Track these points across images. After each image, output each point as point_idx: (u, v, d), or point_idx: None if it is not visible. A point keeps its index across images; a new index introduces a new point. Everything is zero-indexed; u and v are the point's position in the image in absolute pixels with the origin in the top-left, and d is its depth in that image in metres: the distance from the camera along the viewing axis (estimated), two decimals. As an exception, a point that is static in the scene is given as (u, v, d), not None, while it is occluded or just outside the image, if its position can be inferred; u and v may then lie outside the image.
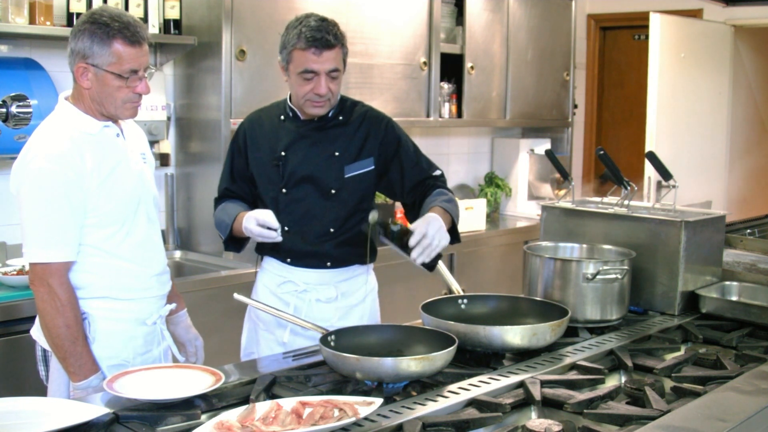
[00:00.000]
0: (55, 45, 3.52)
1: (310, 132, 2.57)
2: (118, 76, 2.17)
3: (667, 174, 2.80)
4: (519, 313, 2.42)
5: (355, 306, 2.67)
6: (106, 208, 2.22)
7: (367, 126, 2.61)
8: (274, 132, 2.60)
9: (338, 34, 2.45)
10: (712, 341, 2.44)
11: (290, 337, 2.59)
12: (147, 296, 2.34)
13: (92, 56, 2.16)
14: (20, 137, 3.19)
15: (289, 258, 2.61)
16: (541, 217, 2.97)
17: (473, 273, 4.81)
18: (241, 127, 2.69)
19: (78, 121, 2.23)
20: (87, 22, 2.17)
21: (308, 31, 2.40)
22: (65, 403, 1.84)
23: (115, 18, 2.17)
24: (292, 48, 2.43)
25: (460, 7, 4.99)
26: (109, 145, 2.27)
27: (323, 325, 2.28)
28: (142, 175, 2.35)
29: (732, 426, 1.69)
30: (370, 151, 2.59)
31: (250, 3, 3.82)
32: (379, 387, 1.94)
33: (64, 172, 2.15)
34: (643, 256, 2.67)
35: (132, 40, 2.18)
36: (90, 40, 2.16)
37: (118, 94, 2.20)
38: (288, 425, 1.66)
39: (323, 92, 2.44)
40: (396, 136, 2.64)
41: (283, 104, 2.64)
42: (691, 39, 5.69)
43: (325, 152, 2.56)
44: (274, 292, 2.65)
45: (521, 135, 5.90)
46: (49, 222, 2.16)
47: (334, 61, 2.44)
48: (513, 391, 1.94)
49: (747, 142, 6.62)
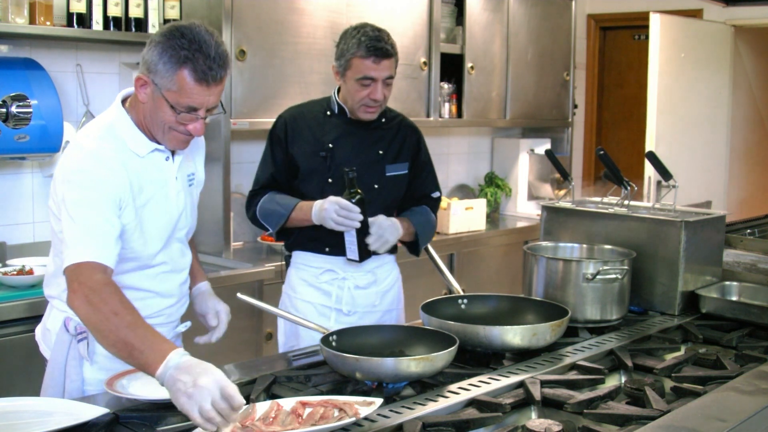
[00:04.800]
0: (55, 45, 3.52)
1: (356, 129, 2.73)
2: (171, 107, 1.96)
3: (667, 174, 2.80)
4: (519, 313, 2.42)
5: (388, 291, 2.84)
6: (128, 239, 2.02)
7: (404, 133, 2.83)
8: (319, 125, 2.73)
9: (394, 44, 2.65)
10: (712, 341, 2.44)
11: (336, 324, 2.69)
12: (155, 323, 2.05)
13: (156, 73, 1.94)
14: (20, 137, 3.19)
15: (328, 248, 2.72)
16: (541, 217, 2.97)
17: (473, 273, 4.81)
18: (281, 120, 2.78)
19: (127, 136, 2.03)
20: (164, 35, 1.94)
21: (368, 41, 2.58)
22: (65, 403, 1.84)
23: (195, 42, 1.91)
24: (351, 56, 2.60)
25: (460, 7, 4.99)
26: (154, 171, 2.07)
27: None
28: (183, 205, 2.15)
29: (732, 426, 1.70)
30: (405, 157, 2.81)
31: (250, 3, 3.82)
32: (379, 387, 1.94)
33: (103, 172, 1.96)
34: (643, 256, 2.67)
35: (202, 76, 1.92)
36: (159, 56, 1.92)
37: (168, 123, 1.99)
38: (288, 425, 1.66)
39: (379, 98, 2.63)
40: (424, 149, 2.89)
41: (327, 101, 2.78)
42: (691, 39, 5.69)
43: (370, 150, 2.74)
44: (313, 284, 2.77)
45: (521, 135, 5.90)
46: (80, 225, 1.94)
47: (390, 69, 2.63)
48: (513, 391, 1.95)
49: (747, 142, 6.62)
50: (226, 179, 3.76)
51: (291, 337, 2.81)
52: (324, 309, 2.76)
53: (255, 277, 3.62)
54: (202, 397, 1.63)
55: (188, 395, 1.64)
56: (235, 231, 4.05)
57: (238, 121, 3.77)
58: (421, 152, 2.86)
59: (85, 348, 2.10)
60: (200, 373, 1.67)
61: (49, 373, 2.15)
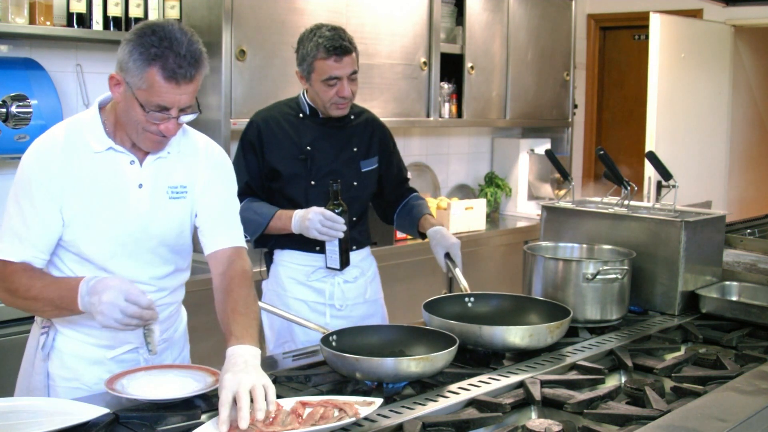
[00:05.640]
0: (55, 45, 3.52)
1: (330, 129, 2.77)
2: (141, 105, 1.89)
3: (667, 174, 2.80)
4: (523, 313, 2.42)
5: (372, 281, 2.93)
6: (71, 236, 1.98)
7: (372, 127, 2.87)
8: (294, 128, 2.75)
9: (351, 39, 2.67)
10: (712, 341, 2.44)
11: (331, 320, 2.76)
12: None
13: (127, 71, 1.88)
14: (20, 137, 3.19)
15: (318, 246, 2.74)
16: (541, 217, 2.97)
17: (473, 273, 4.79)
18: (254, 125, 2.77)
19: (88, 132, 2.00)
20: (135, 33, 1.89)
21: (326, 41, 2.60)
22: (65, 403, 1.84)
23: (165, 39, 1.86)
24: (312, 59, 2.63)
25: (460, 7, 4.99)
26: (110, 172, 2.00)
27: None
28: (149, 215, 2.03)
29: (732, 426, 1.70)
30: (375, 151, 2.86)
31: (250, 3, 3.82)
32: (379, 387, 1.94)
33: (37, 167, 1.97)
34: (643, 256, 2.67)
35: (171, 75, 1.85)
36: (130, 53, 1.87)
37: (140, 123, 1.93)
38: (288, 425, 1.66)
39: (347, 94, 2.66)
40: (392, 140, 2.95)
41: (295, 102, 2.79)
42: (691, 39, 5.69)
43: (345, 148, 2.78)
44: (304, 282, 2.79)
45: (521, 135, 5.90)
46: (12, 218, 1.98)
47: (353, 64, 2.66)
48: (513, 391, 1.95)
49: (747, 142, 6.62)
50: (226, 179, 3.76)
51: (284, 334, 2.80)
52: (318, 306, 2.79)
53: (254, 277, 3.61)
54: (111, 310, 1.79)
55: (102, 313, 1.80)
56: (235, 231, 4.05)
57: (238, 121, 3.77)
58: (389, 143, 2.93)
59: (44, 340, 2.07)
60: (102, 290, 1.82)
61: (22, 366, 2.15)
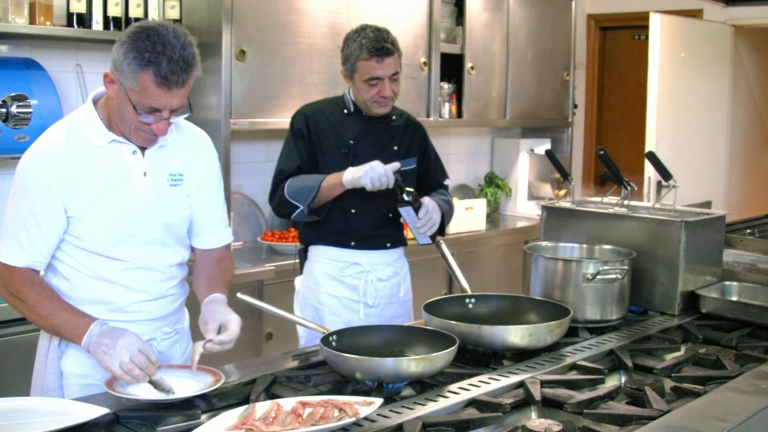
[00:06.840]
0: (55, 45, 3.52)
1: (373, 127, 2.88)
2: (134, 106, 1.94)
3: (667, 174, 2.80)
4: (523, 313, 2.42)
5: (404, 281, 2.99)
6: (81, 231, 2.04)
7: (412, 129, 2.97)
8: (340, 123, 2.86)
9: (394, 41, 2.78)
10: (712, 341, 2.44)
11: (365, 317, 2.84)
12: (135, 319, 2.11)
13: (121, 72, 1.92)
14: (20, 137, 3.20)
15: (353, 241, 2.85)
16: (541, 217, 2.97)
17: (473, 273, 4.80)
18: (301, 116, 2.88)
19: (87, 125, 2.04)
20: (130, 36, 1.93)
21: (369, 42, 2.72)
22: (65, 403, 1.84)
23: (159, 44, 1.89)
24: (355, 59, 2.75)
25: (460, 7, 4.99)
26: (114, 163, 2.05)
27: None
28: (152, 203, 2.09)
29: (732, 426, 1.70)
30: (414, 151, 2.95)
31: (250, 3, 3.82)
32: (379, 387, 1.94)
33: (35, 170, 2.01)
34: (643, 256, 2.67)
35: (163, 81, 1.90)
36: (124, 56, 1.91)
37: (132, 122, 1.99)
38: (288, 425, 1.66)
39: (388, 94, 2.77)
40: (430, 143, 3.04)
41: (341, 100, 2.91)
42: (691, 39, 5.69)
43: (387, 146, 2.88)
44: (338, 278, 2.87)
45: (521, 135, 5.90)
46: (12, 222, 2.03)
47: (394, 65, 2.77)
48: (513, 391, 1.94)
49: (747, 142, 6.62)
50: (226, 179, 3.75)
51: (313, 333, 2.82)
52: (351, 303, 2.87)
53: (255, 277, 3.62)
54: (120, 353, 1.87)
55: (109, 354, 1.88)
56: (236, 231, 4.05)
57: (238, 121, 3.77)
58: (428, 147, 3.02)
59: (57, 339, 2.10)
60: (119, 335, 1.91)
61: (34, 368, 2.17)
